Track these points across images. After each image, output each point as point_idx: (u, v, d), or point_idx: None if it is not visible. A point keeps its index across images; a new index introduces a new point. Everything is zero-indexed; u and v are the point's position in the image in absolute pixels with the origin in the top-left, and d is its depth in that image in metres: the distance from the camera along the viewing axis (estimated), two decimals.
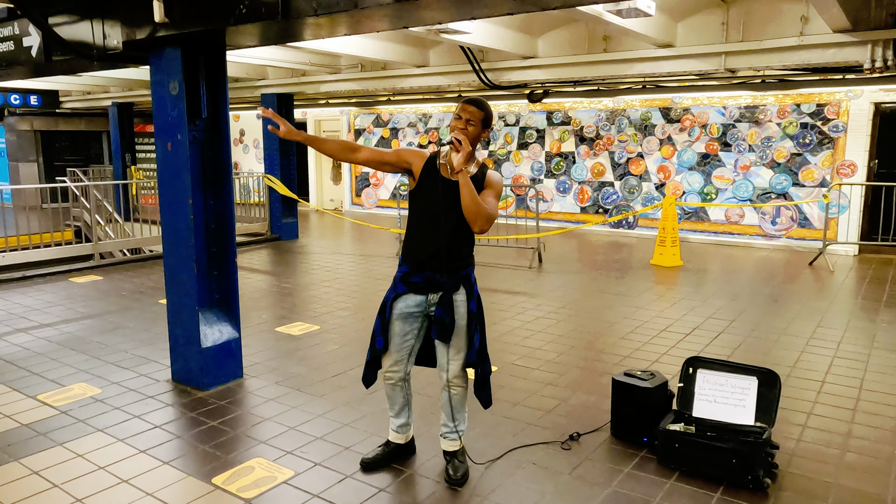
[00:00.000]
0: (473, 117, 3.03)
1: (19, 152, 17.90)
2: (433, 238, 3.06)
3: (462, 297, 3.10)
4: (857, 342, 5.39)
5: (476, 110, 3.04)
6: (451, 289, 3.09)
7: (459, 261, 3.11)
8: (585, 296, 7.07)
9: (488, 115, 3.08)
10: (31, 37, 5.08)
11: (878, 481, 3.23)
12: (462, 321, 3.10)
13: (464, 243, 3.12)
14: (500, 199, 12.58)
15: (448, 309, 3.08)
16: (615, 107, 11.28)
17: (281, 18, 3.48)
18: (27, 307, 6.57)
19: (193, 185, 4.32)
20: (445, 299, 3.08)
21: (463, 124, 3.03)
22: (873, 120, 9.24)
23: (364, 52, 7.82)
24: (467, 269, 3.15)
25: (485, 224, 2.99)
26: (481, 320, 3.18)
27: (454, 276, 3.09)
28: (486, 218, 2.98)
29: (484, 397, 3.24)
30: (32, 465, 3.39)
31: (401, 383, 3.26)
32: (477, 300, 3.15)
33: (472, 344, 3.12)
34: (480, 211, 2.95)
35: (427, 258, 3.08)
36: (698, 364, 3.58)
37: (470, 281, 3.14)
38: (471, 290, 3.13)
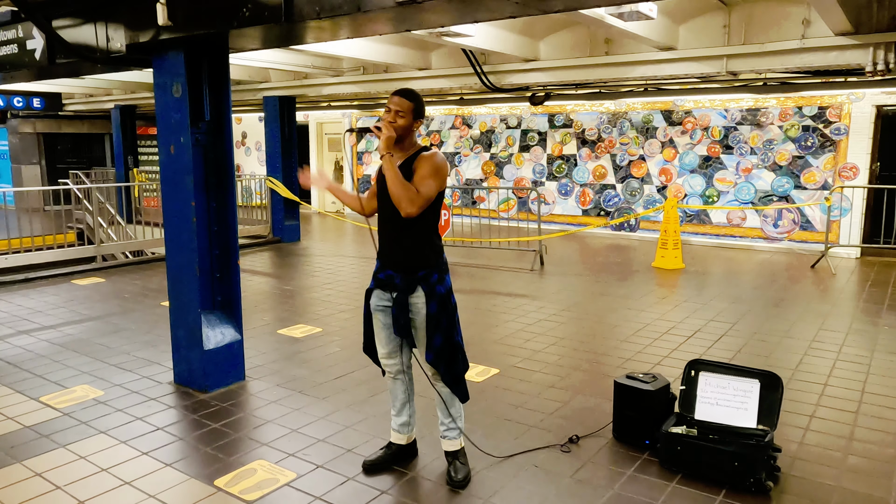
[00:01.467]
0: (402, 108, 3.04)
1: (22, 155, 17.94)
2: (387, 237, 3.13)
3: (420, 298, 3.07)
4: (859, 345, 5.38)
5: (404, 101, 3.04)
6: (404, 290, 3.07)
7: (416, 261, 3.06)
8: (587, 298, 7.07)
9: (419, 107, 3.08)
10: (35, 40, 5.10)
11: (880, 484, 3.22)
12: (420, 320, 3.09)
13: (417, 242, 3.07)
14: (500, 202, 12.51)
15: (402, 309, 3.08)
16: (617, 109, 11.29)
17: (284, 21, 3.50)
18: (30, 309, 6.59)
19: (196, 188, 4.33)
20: (399, 299, 3.07)
21: (392, 116, 3.04)
22: (875, 123, 9.23)
23: (366, 54, 7.83)
24: (425, 269, 3.07)
25: (408, 206, 2.90)
26: (446, 321, 3.09)
27: (409, 277, 3.06)
28: (409, 200, 2.90)
29: (459, 391, 3.22)
30: (35, 467, 3.40)
31: (400, 376, 3.28)
32: (439, 301, 3.06)
33: (432, 345, 3.08)
34: (402, 193, 2.90)
35: (385, 256, 3.13)
36: (700, 367, 3.58)
37: (429, 282, 3.07)
38: (431, 291, 3.06)
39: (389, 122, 3.04)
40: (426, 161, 3.02)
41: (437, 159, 3.04)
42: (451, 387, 3.19)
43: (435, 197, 3.01)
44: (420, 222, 3.04)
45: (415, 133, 3.15)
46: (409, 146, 3.13)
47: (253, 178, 12.22)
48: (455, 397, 3.23)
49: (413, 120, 3.07)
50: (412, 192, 2.93)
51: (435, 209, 3.09)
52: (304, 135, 15.49)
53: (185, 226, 4.36)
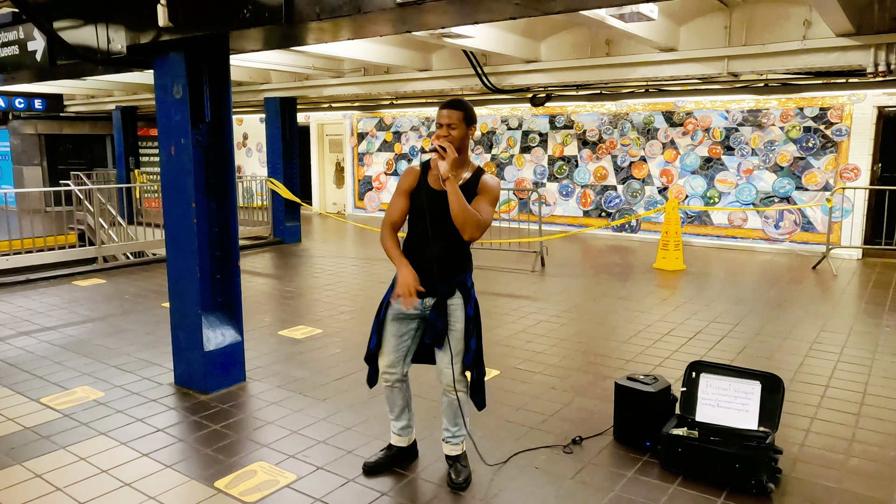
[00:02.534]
0: (453, 120, 2.98)
1: (23, 156, 17.96)
2: (425, 249, 3.04)
3: (458, 301, 3.09)
4: (860, 346, 5.37)
5: (454, 112, 2.98)
6: (445, 294, 3.07)
7: (454, 268, 3.09)
8: (588, 300, 7.06)
9: (469, 113, 3.02)
10: (36, 41, 5.10)
11: (882, 486, 3.21)
12: (459, 324, 3.08)
13: (456, 252, 3.08)
14: (501, 204, 12.53)
15: (441, 314, 3.06)
16: (618, 110, 11.28)
17: (284, 23, 3.49)
18: (31, 310, 6.59)
19: (196, 189, 4.33)
20: (440, 304, 3.07)
21: (445, 131, 2.98)
22: (876, 124, 9.23)
23: (367, 56, 7.84)
24: (463, 274, 3.12)
25: (474, 232, 2.94)
26: (478, 324, 3.16)
27: (449, 282, 3.08)
28: (475, 225, 2.92)
29: (478, 399, 3.23)
30: (35, 469, 3.39)
31: (398, 385, 3.25)
32: (474, 304, 3.13)
33: (469, 347, 3.10)
34: (469, 219, 2.91)
35: (420, 267, 3.06)
36: (701, 368, 3.57)
37: (466, 286, 3.12)
38: (467, 294, 3.11)
39: (444, 137, 2.97)
40: (490, 186, 3.03)
41: (498, 186, 3.08)
42: (477, 393, 3.19)
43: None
44: (458, 233, 3.02)
45: (469, 144, 3.12)
46: (464, 161, 3.07)
47: (254, 179, 12.23)
48: (466, 408, 3.21)
49: (467, 128, 3.01)
50: (477, 218, 2.93)
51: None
52: (305, 136, 15.50)
53: (186, 227, 4.36)
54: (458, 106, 3.02)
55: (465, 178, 3.06)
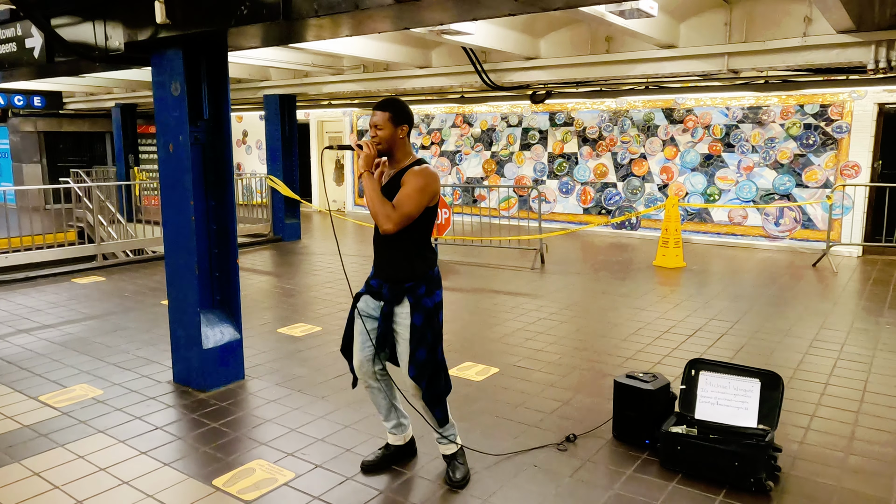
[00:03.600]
0: (379, 121, 3.00)
1: (23, 153, 17.95)
2: (378, 247, 3.12)
3: (405, 309, 3.04)
4: (860, 344, 5.36)
5: (380, 113, 3.01)
6: (391, 301, 3.05)
7: (402, 272, 3.04)
8: (588, 297, 7.05)
9: (396, 113, 3.01)
10: (34, 38, 5.09)
11: (881, 484, 3.21)
12: (404, 332, 3.04)
13: (402, 256, 3.04)
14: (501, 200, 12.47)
15: (385, 320, 3.06)
16: (618, 108, 11.26)
17: (282, 20, 3.48)
18: (30, 308, 6.58)
19: (195, 187, 4.32)
20: (385, 310, 3.06)
21: (373, 131, 3.02)
22: (877, 121, 9.21)
23: (366, 53, 7.82)
24: (412, 281, 3.04)
25: (385, 223, 2.91)
26: (431, 335, 3.05)
27: (396, 289, 3.04)
28: (385, 217, 2.90)
29: (437, 412, 3.13)
30: (33, 467, 3.39)
31: (375, 385, 3.23)
32: (425, 314, 3.03)
33: (415, 358, 3.03)
34: (377, 211, 2.91)
35: (378, 266, 3.12)
36: (701, 366, 3.57)
37: (416, 293, 3.03)
38: (417, 302, 3.03)
39: (372, 137, 3.03)
40: (412, 177, 2.98)
41: (423, 176, 2.98)
42: (431, 407, 3.11)
43: (418, 214, 2.97)
44: (409, 235, 3.01)
45: (406, 142, 3.08)
46: (403, 157, 3.08)
47: (254, 176, 12.22)
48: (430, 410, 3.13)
49: (395, 127, 3.01)
50: (388, 208, 2.92)
51: (425, 222, 3.05)
52: (304, 133, 15.49)
53: (184, 224, 4.35)
54: (385, 106, 3.02)
55: (396, 169, 3.06)
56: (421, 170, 3.01)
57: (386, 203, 2.93)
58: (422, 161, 3.10)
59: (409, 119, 3.07)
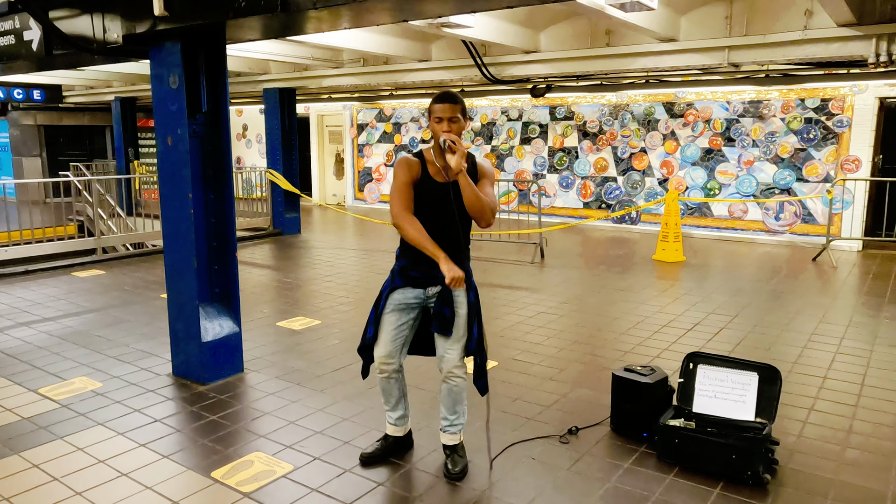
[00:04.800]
0: (455, 113, 3.01)
1: (23, 147, 17.93)
2: (439, 235, 3.08)
3: (461, 288, 3.10)
4: (859, 338, 5.36)
5: (455, 106, 3.02)
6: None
7: (460, 255, 3.13)
8: (587, 291, 7.06)
9: (464, 106, 3.08)
10: (32, 31, 5.07)
11: (878, 477, 3.22)
12: (462, 310, 3.11)
13: (462, 237, 3.16)
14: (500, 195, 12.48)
15: (448, 302, 3.08)
16: (618, 101, 11.24)
17: (280, 12, 3.47)
18: (30, 301, 6.59)
19: (193, 180, 4.32)
20: (445, 292, 3.08)
21: (446, 126, 3.00)
22: (878, 115, 9.18)
23: (366, 46, 7.80)
24: (465, 261, 3.16)
25: (491, 217, 3.06)
26: (478, 311, 3.19)
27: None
28: (491, 211, 3.05)
29: (481, 384, 3.23)
30: (33, 459, 3.40)
31: (395, 375, 3.26)
32: (475, 291, 3.17)
33: (472, 334, 3.13)
34: (485, 207, 3.01)
35: (425, 258, 3.07)
36: (699, 359, 3.57)
37: (468, 273, 3.15)
38: (469, 281, 3.14)
39: (446, 132, 2.97)
40: (488, 171, 3.16)
41: (492, 167, 3.23)
42: (479, 378, 3.21)
43: None
44: (463, 221, 3.12)
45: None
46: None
47: (253, 170, 12.21)
48: (464, 395, 3.22)
49: (465, 120, 3.08)
50: (493, 204, 3.06)
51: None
52: (304, 127, 15.46)
53: (183, 218, 4.35)
54: (457, 100, 3.06)
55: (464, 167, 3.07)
56: (487, 161, 3.21)
57: (487, 200, 3.04)
58: (470, 153, 3.17)
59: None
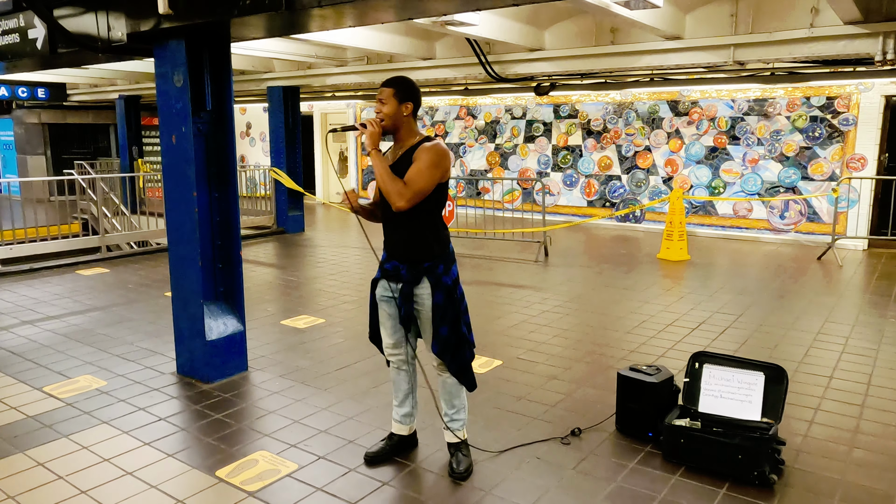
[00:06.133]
0: (383, 95, 3.02)
1: (27, 145, 17.97)
2: (391, 228, 3.12)
3: (425, 289, 3.04)
4: (865, 337, 5.34)
5: (384, 88, 3.02)
6: (410, 281, 3.06)
7: (420, 253, 3.04)
8: (591, 290, 7.04)
9: (400, 89, 3.01)
10: (37, 29, 5.07)
11: (885, 478, 3.20)
12: (426, 312, 3.06)
13: (421, 234, 3.04)
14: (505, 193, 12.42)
15: (407, 301, 3.06)
16: (622, 100, 11.21)
17: (284, 10, 3.46)
18: (34, 299, 6.60)
19: (198, 178, 4.31)
20: (405, 290, 3.06)
21: (378, 106, 3.04)
22: (884, 113, 9.14)
23: (370, 44, 7.78)
24: (430, 260, 3.05)
25: (397, 200, 2.89)
26: (452, 311, 3.07)
27: (414, 269, 3.05)
28: (397, 193, 2.89)
29: (466, 380, 3.20)
30: (38, 457, 3.40)
31: (404, 367, 3.26)
32: (445, 292, 3.05)
33: (438, 334, 3.05)
34: (388, 187, 2.91)
35: (391, 247, 3.13)
36: (704, 359, 3.55)
37: (435, 273, 3.04)
38: (436, 282, 3.04)
39: (376, 113, 3.04)
40: (424, 153, 2.96)
41: (435, 151, 2.97)
42: (458, 376, 3.17)
43: (432, 189, 2.97)
44: (422, 213, 3.01)
45: (410, 120, 3.07)
46: (408, 135, 3.08)
47: (257, 168, 12.21)
48: (461, 387, 3.20)
49: (399, 104, 3.01)
50: (399, 185, 2.91)
51: (438, 199, 3.05)
52: (308, 125, 15.46)
53: (187, 216, 4.35)
54: (390, 82, 3.05)
55: (404, 147, 3.06)
56: (432, 145, 2.99)
57: (397, 180, 2.93)
58: (430, 138, 3.08)
59: (414, 96, 3.06)
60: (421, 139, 3.05)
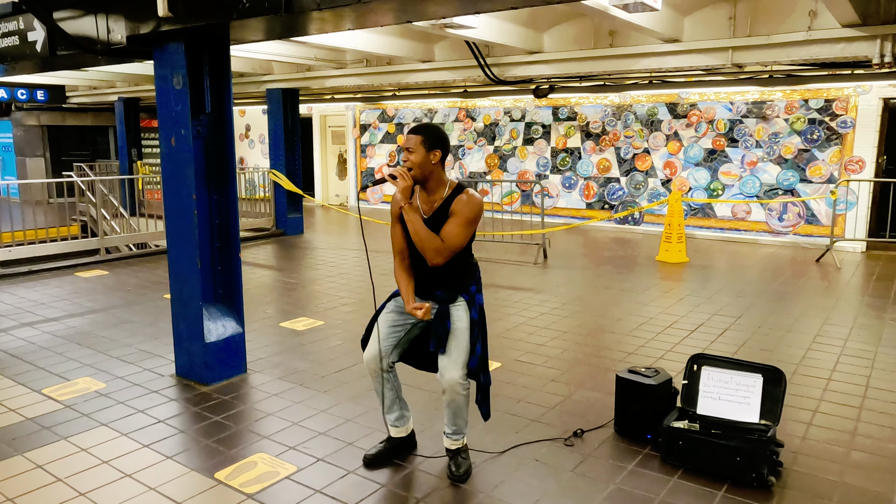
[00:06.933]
0: (411, 144, 2.95)
1: (26, 147, 17.97)
2: (420, 269, 3.09)
3: (461, 304, 3.06)
4: (863, 340, 5.35)
5: (412, 136, 2.96)
6: (446, 300, 3.06)
7: (451, 285, 3.06)
8: (590, 292, 7.05)
9: (428, 137, 2.95)
10: (36, 31, 5.08)
11: (883, 480, 3.20)
12: (462, 324, 3.03)
13: (451, 273, 3.05)
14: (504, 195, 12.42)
15: (443, 318, 3.02)
16: (621, 102, 11.23)
17: (284, 13, 3.47)
18: (33, 301, 6.60)
19: (197, 180, 4.32)
20: (443, 310, 3.04)
21: (405, 155, 2.97)
22: (882, 116, 9.16)
23: (369, 47, 7.80)
24: (465, 287, 3.08)
25: (435, 258, 2.92)
26: (483, 331, 3.11)
27: (450, 290, 3.06)
28: (434, 251, 2.90)
29: (484, 408, 3.20)
30: (37, 459, 3.40)
31: (385, 375, 3.20)
32: (479, 309, 3.08)
33: (475, 351, 3.05)
34: (426, 246, 2.90)
35: (420, 283, 3.11)
36: (703, 361, 3.56)
37: (469, 291, 3.07)
38: (471, 300, 3.06)
39: (403, 161, 2.98)
40: (462, 207, 2.93)
41: (472, 205, 2.94)
42: (483, 402, 3.16)
43: (466, 244, 2.97)
44: (459, 254, 3.00)
45: (438, 168, 3.00)
46: (438, 185, 3.02)
47: (256, 170, 12.22)
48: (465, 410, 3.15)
49: (427, 152, 2.95)
50: (437, 243, 2.90)
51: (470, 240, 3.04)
52: (307, 127, 15.47)
53: (187, 218, 4.35)
54: (418, 130, 2.99)
55: (439, 200, 3.01)
56: (469, 199, 2.96)
57: (434, 237, 2.91)
58: (462, 186, 3.02)
59: (444, 144, 3.00)
60: (453, 189, 3.02)
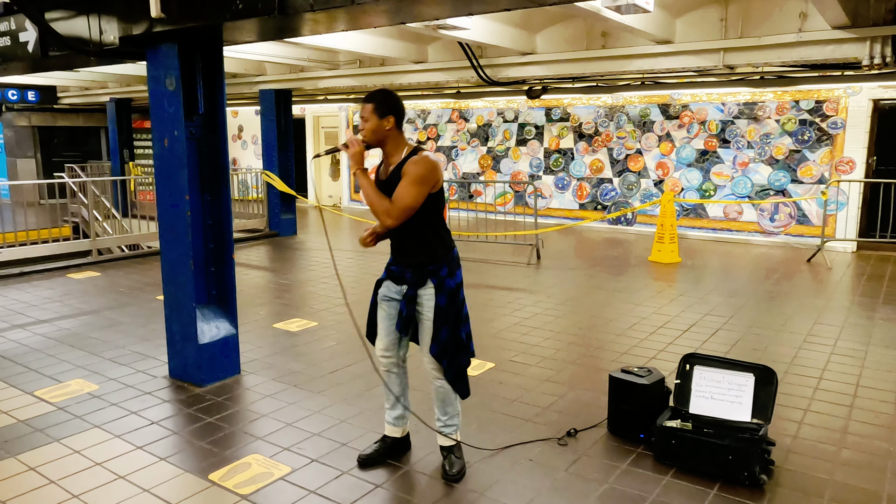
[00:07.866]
0: (365, 112, 3.04)
1: (17, 148, 17.86)
2: (393, 234, 3.14)
3: (429, 291, 3.08)
4: (854, 339, 5.39)
5: (366, 105, 3.04)
6: (415, 284, 3.09)
7: (423, 256, 3.08)
8: (583, 292, 7.07)
9: (381, 103, 3.01)
10: (28, 32, 5.06)
11: (874, 477, 3.23)
12: (428, 313, 3.08)
13: (417, 241, 3.08)
14: (497, 196, 12.43)
15: (410, 303, 3.10)
16: (614, 103, 11.27)
17: (277, 14, 3.47)
18: (25, 303, 6.57)
19: (190, 182, 4.31)
20: (409, 294, 3.10)
21: (361, 123, 3.06)
22: (872, 117, 9.23)
23: (362, 48, 7.80)
24: (434, 264, 3.08)
25: (385, 219, 2.94)
26: (454, 314, 3.09)
27: (419, 272, 3.08)
28: (384, 212, 2.93)
29: (459, 387, 3.21)
30: (29, 462, 3.39)
31: (395, 369, 3.27)
32: (448, 294, 3.07)
33: (438, 337, 3.07)
34: (376, 207, 2.96)
35: (396, 252, 3.17)
36: (695, 361, 3.58)
37: (439, 275, 3.08)
38: (440, 284, 3.07)
39: (360, 132, 3.06)
40: (411, 167, 2.96)
41: (421, 166, 2.96)
42: (453, 383, 3.17)
43: (420, 204, 2.97)
44: (423, 220, 3.03)
45: (395, 133, 3.07)
46: (395, 149, 3.09)
47: (249, 171, 12.20)
48: (455, 394, 3.21)
49: (380, 119, 3.01)
50: (386, 204, 2.95)
51: (435, 206, 3.07)
52: (300, 128, 15.45)
53: (180, 219, 4.35)
54: (370, 98, 3.05)
55: (395, 164, 3.07)
56: (419, 159, 2.99)
57: (383, 198, 2.97)
58: (419, 149, 3.08)
59: (395, 109, 3.05)
60: (409, 152, 3.06)
